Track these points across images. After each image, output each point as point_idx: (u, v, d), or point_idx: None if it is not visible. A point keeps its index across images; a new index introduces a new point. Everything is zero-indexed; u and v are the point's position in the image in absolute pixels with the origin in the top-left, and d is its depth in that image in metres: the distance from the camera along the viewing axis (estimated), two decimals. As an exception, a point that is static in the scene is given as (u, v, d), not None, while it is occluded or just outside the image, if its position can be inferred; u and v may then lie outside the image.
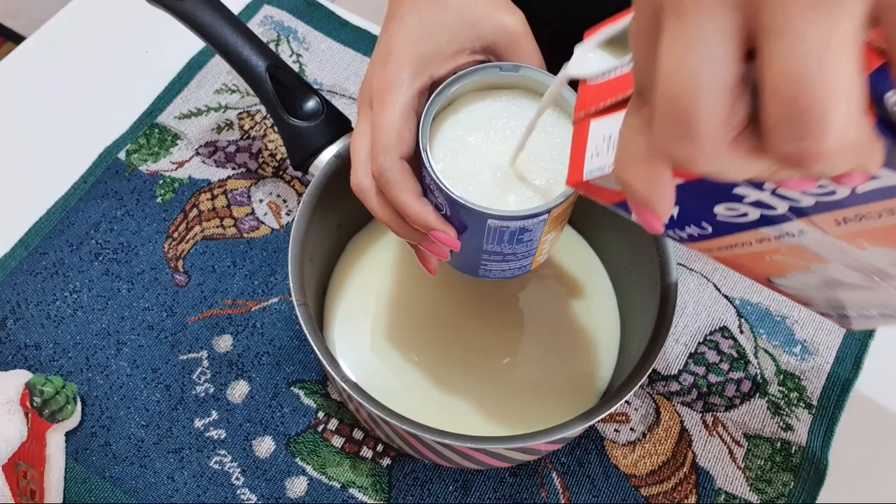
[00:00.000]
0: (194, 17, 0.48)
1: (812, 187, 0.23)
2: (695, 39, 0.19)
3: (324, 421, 0.50)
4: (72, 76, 0.63)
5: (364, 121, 0.39)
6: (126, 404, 0.50)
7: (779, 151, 0.19)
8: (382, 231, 0.53)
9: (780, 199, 0.25)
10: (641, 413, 0.51)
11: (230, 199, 0.57)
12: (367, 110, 0.38)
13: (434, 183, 0.35)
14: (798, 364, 0.52)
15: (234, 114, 0.61)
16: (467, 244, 0.38)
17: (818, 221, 0.26)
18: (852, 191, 0.23)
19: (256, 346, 0.52)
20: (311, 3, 0.67)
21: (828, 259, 0.28)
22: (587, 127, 0.28)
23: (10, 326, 0.52)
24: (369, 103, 0.38)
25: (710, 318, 0.54)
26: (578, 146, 0.29)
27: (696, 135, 0.19)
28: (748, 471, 0.49)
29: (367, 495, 0.48)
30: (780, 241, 0.28)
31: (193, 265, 0.55)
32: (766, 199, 0.26)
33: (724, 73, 0.19)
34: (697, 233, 0.30)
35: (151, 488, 0.48)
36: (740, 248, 0.30)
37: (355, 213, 0.53)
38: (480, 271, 0.42)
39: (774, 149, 0.19)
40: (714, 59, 0.19)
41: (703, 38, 0.19)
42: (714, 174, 0.20)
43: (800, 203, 0.25)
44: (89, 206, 0.56)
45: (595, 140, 0.28)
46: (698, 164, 0.20)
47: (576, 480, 0.49)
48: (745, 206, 0.26)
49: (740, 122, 0.20)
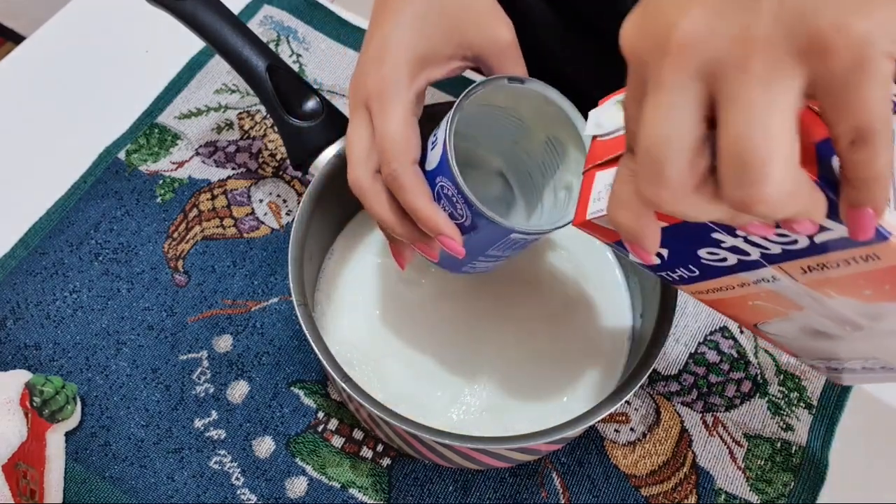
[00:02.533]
0: (194, 17, 0.48)
1: (770, 233, 0.26)
2: (668, 105, 0.24)
3: (324, 421, 0.50)
4: (72, 76, 0.63)
5: (359, 119, 0.39)
6: (126, 404, 0.50)
7: (729, 196, 0.23)
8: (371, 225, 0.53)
9: (752, 246, 0.29)
10: (641, 413, 0.51)
11: (230, 199, 0.57)
12: (363, 110, 0.39)
13: (459, 195, 0.36)
14: (798, 364, 0.52)
15: (234, 114, 0.61)
16: (470, 249, 0.39)
17: (787, 268, 0.29)
18: (811, 241, 0.27)
19: (256, 346, 0.52)
20: (311, 3, 0.67)
21: (803, 306, 0.32)
22: (593, 176, 0.33)
23: (10, 326, 0.52)
24: (364, 103, 0.38)
25: (710, 318, 0.54)
26: (585, 192, 0.33)
27: (665, 180, 0.24)
28: (748, 471, 0.49)
29: (367, 495, 0.48)
30: (758, 286, 0.32)
31: (193, 265, 0.55)
32: (741, 245, 0.29)
33: (689, 134, 0.23)
34: (687, 275, 0.34)
35: (151, 488, 0.48)
36: (725, 292, 0.34)
37: (355, 213, 0.53)
38: (464, 269, 0.43)
39: (726, 194, 0.23)
40: (681, 122, 0.23)
41: (674, 104, 0.23)
42: (682, 214, 0.25)
43: (769, 250, 0.29)
44: (89, 206, 0.56)
45: (598, 187, 0.32)
46: (668, 204, 0.24)
47: (576, 480, 0.49)
48: (724, 252, 0.30)
49: (702, 172, 0.24)
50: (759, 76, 0.22)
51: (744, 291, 0.33)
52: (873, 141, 0.22)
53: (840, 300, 0.30)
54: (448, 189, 0.37)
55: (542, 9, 0.58)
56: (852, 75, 0.21)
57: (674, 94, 0.23)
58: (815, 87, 0.22)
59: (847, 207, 0.24)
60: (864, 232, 0.24)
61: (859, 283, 0.28)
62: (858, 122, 0.22)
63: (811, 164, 0.24)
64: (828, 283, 0.29)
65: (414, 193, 0.37)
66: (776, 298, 0.32)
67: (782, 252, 0.29)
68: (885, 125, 0.22)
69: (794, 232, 0.25)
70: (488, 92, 0.38)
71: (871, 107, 0.22)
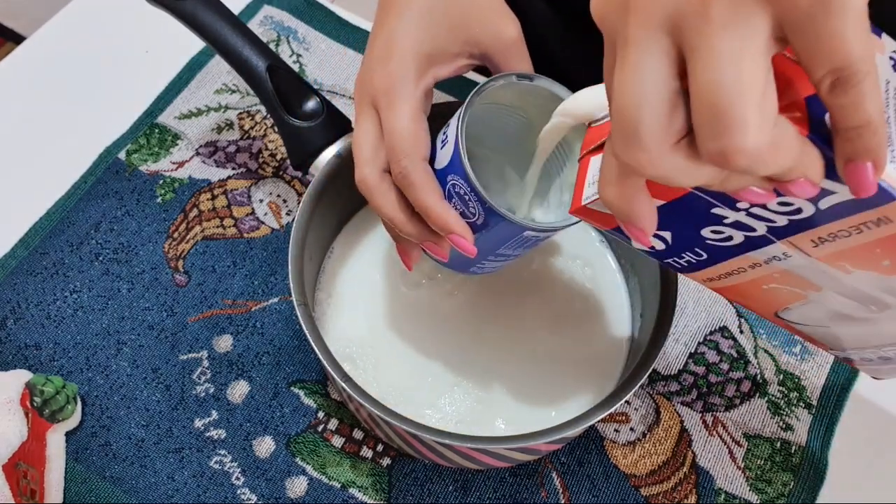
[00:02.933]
0: (194, 17, 0.48)
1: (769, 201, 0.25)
2: (635, 63, 0.23)
3: (324, 421, 0.50)
4: (72, 76, 0.63)
5: (366, 117, 0.38)
6: (126, 404, 0.50)
7: (706, 150, 0.22)
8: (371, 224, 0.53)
9: (757, 220, 0.28)
10: (641, 413, 0.51)
11: (230, 199, 0.57)
12: (370, 108, 0.38)
13: (471, 193, 0.36)
14: (798, 364, 0.52)
15: (234, 114, 0.61)
16: (480, 248, 0.38)
17: (797, 242, 0.28)
18: (816, 207, 0.25)
19: (256, 346, 0.52)
20: (311, 3, 0.67)
21: (820, 286, 0.30)
22: (588, 162, 0.32)
23: (11, 326, 0.52)
24: (370, 101, 0.38)
25: (710, 318, 0.54)
26: (580, 179, 0.32)
27: (640, 141, 0.23)
28: (748, 471, 0.49)
29: (367, 495, 0.48)
30: (770, 265, 0.30)
31: (193, 265, 0.55)
32: (744, 219, 0.28)
33: (661, 90, 0.22)
34: (694, 259, 0.32)
35: (151, 488, 0.48)
36: (737, 276, 0.32)
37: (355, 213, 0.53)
38: (472, 269, 0.42)
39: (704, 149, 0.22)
40: (651, 78, 0.22)
41: (641, 61, 0.23)
42: (664, 177, 0.24)
43: (775, 223, 0.27)
44: (89, 206, 0.56)
45: (592, 172, 0.31)
46: (648, 167, 0.23)
47: (576, 480, 0.49)
48: (728, 229, 0.29)
49: (679, 128, 0.23)
50: (721, 22, 0.21)
51: (756, 274, 0.31)
52: (855, 81, 0.21)
53: (858, 274, 0.28)
54: (460, 187, 0.36)
55: (542, 9, 0.58)
56: (819, 7, 0.20)
57: (640, 51, 0.23)
58: (785, 29, 0.21)
59: (843, 162, 0.23)
60: (865, 188, 0.22)
61: (875, 252, 0.26)
62: (834, 62, 0.21)
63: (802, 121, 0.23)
64: (842, 256, 0.27)
65: (425, 191, 0.36)
66: (791, 279, 0.30)
67: (789, 224, 0.27)
68: (866, 63, 0.21)
69: (792, 195, 0.24)
70: (497, 89, 0.38)
71: (846, 43, 0.20)
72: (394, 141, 0.37)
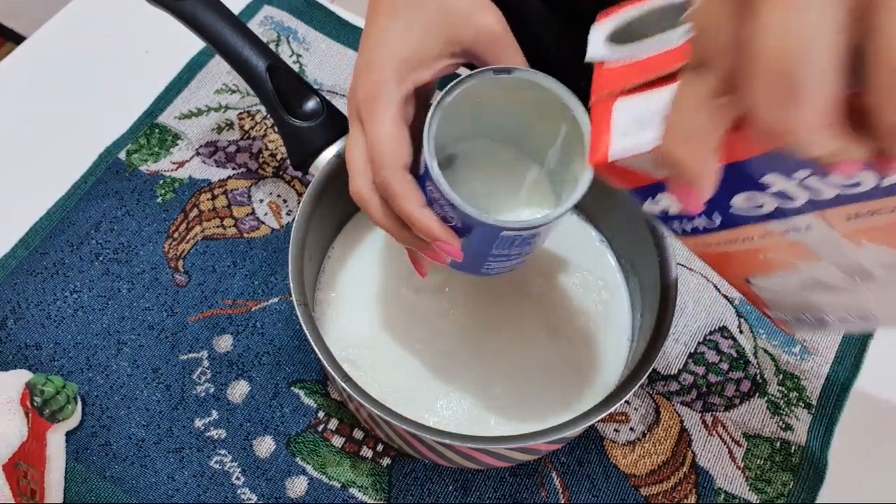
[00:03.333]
0: (194, 17, 0.48)
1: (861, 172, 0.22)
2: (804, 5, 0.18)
3: (324, 421, 0.50)
4: (72, 76, 0.63)
5: (356, 131, 0.38)
6: (126, 404, 0.50)
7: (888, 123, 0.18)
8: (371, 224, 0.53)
9: (804, 190, 0.25)
10: (641, 413, 0.51)
11: (230, 199, 0.57)
12: (357, 120, 0.38)
13: (444, 198, 0.35)
14: (797, 364, 0.52)
15: (234, 114, 0.61)
16: (475, 250, 0.38)
17: (830, 216, 0.26)
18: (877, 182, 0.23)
19: (256, 346, 0.52)
20: (311, 3, 0.67)
21: (820, 257, 0.28)
22: (610, 108, 0.28)
23: (11, 326, 0.52)
24: (357, 113, 0.38)
25: (709, 318, 0.54)
26: (600, 127, 0.28)
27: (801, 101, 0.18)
28: (748, 470, 0.49)
29: (367, 495, 0.48)
30: (783, 236, 0.28)
31: (194, 265, 0.55)
32: (791, 189, 0.25)
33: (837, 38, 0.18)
34: (703, 225, 0.29)
35: (152, 488, 0.48)
36: (736, 244, 0.29)
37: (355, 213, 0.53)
38: (482, 270, 0.42)
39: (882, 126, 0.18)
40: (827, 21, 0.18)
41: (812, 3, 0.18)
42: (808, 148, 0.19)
43: (822, 195, 0.25)
44: (90, 206, 0.56)
45: (622, 120, 0.27)
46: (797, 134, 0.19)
47: (576, 480, 0.49)
48: (766, 197, 0.26)
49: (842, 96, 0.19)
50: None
51: (762, 243, 0.29)
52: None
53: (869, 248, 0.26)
54: (434, 192, 0.36)
55: (537, 7, 0.57)
56: None
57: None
58: None
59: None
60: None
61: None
62: None
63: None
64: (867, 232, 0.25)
65: (404, 199, 0.36)
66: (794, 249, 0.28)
67: (835, 197, 0.25)
68: None
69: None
70: (472, 87, 0.37)
71: None
72: (374, 152, 0.36)
